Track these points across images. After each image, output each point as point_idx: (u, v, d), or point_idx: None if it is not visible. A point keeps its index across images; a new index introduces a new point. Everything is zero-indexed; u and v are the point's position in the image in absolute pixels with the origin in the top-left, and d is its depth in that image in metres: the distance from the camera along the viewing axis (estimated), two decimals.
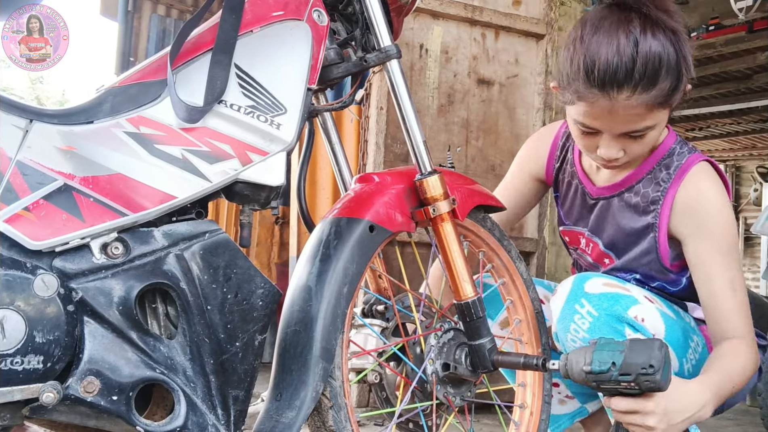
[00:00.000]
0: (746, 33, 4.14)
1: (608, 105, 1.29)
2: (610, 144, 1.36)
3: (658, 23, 1.27)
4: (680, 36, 1.28)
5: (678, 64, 1.28)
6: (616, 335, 1.36)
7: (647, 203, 1.48)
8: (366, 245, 1.21)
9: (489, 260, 1.51)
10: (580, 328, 1.38)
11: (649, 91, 1.27)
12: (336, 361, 1.16)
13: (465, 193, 1.39)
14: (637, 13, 1.28)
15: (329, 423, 1.17)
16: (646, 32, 1.25)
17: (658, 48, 1.25)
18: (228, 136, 1.11)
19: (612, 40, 1.26)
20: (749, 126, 6.29)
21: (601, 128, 1.34)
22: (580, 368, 1.21)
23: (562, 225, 1.69)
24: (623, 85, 1.26)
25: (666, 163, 1.46)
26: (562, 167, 1.66)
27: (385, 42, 1.29)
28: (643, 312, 1.38)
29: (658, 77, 1.26)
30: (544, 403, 1.52)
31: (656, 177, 1.47)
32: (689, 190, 1.42)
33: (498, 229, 1.51)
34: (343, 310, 1.17)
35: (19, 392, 0.95)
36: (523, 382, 1.53)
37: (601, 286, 1.40)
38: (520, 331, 1.54)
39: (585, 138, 1.39)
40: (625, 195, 1.52)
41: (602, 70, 1.26)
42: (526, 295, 1.53)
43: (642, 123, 1.31)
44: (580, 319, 1.38)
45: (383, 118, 2.73)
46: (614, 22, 1.28)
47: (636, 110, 1.29)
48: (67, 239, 1.00)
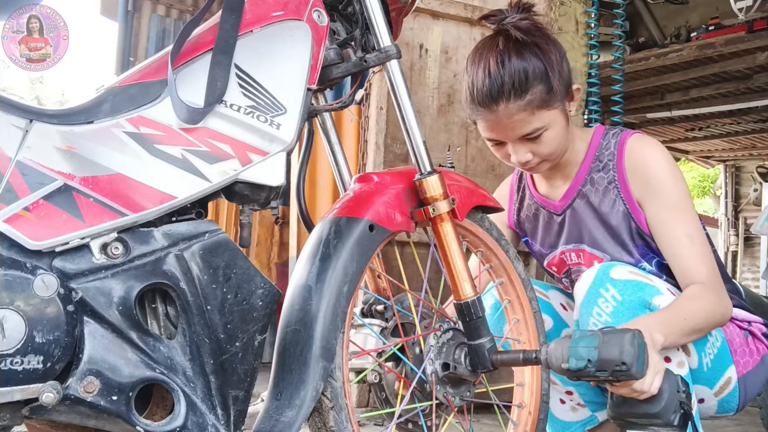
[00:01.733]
0: (746, 33, 4.13)
1: (494, 117, 1.48)
2: (516, 149, 1.52)
3: (520, 42, 1.45)
4: (542, 47, 1.46)
5: (545, 71, 1.46)
6: None
7: (605, 186, 1.57)
8: (366, 244, 1.21)
9: (487, 260, 1.52)
10: (603, 312, 1.42)
11: (522, 97, 1.44)
12: (336, 362, 1.16)
13: (464, 194, 1.39)
14: (503, 36, 1.47)
15: (330, 423, 1.16)
16: (510, 52, 1.45)
17: (522, 63, 1.45)
18: (228, 136, 1.11)
19: (485, 64, 1.46)
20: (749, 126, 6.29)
21: (499, 138, 1.52)
22: (558, 364, 1.23)
23: (544, 258, 1.74)
24: (498, 99, 1.45)
25: (605, 147, 1.58)
26: (522, 205, 1.76)
27: (385, 42, 1.29)
28: (665, 302, 1.41)
29: (527, 86, 1.44)
30: (542, 402, 1.52)
31: (601, 161, 1.58)
32: (633, 157, 1.54)
33: (496, 229, 1.51)
34: (343, 309, 1.17)
35: (19, 392, 0.95)
36: (521, 382, 1.53)
37: (627, 273, 1.44)
38: (518, 330, 1.54)
39: (497, 150, 1.57)
40: (583, 191, 1.60)
41: (479, 90, 1.47)
42: (524, 294, 1.53)
43: (530, 125, 1.47)
44: (604, 303, 1.42)
45: (383, 118, 2.73)
46: (486, 47, 1.49)
47: (518, 116, 1.46)
48: (67, 239, 1.00)
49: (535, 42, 1.46)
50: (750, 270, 8.81)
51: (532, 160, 1.53)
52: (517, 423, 1.51)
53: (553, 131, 1.50)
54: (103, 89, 1.13)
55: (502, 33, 1.48)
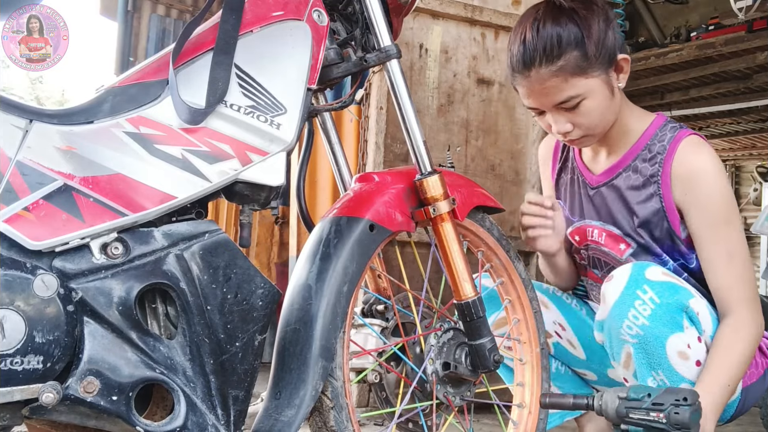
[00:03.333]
0: (746, 33, 4.12)
1: (528, 83, 1.48)
2: (556, 119, 1.50)
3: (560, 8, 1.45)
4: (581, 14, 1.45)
5: (581, 37, 1.44)
6: (675, 326, 1.36)
7: (647, 177, 1.53)
8: (366, 244, 1.21)
9: (488, 260, 1.52)
10: (640, 315, 1.37)
11: (554, 62, 1.43)
12: (337, 361, 1.16)
13: (465, 194, 1.39)
14: (545, 3, 1.48)
15: (331, 423, 1.16)
16: (546, 19, 1.45)
17: (557, 29, 1.44)
18: (228, 136, 1.11)
19: (522, 30, 1.47)
20: (749, 126, 6.27)
21: (536, 105, 1.51)
22: (614, 396, 1.23)
23: (569, 225, 1.69)
24: (530, 65, 1.45)
25: (659, 138, 1.53)
26: (565, 166, 1.71)
27: (385, 42, 1.29)
28: (699, 306, 1.40)
29: (560, 51, 1.43)
30: None
31: (651, 151, 1.53)
32: (683, 160, 1.49)
33: (497, 229, 1.51)
34: (344, 308, 1.17)
35: (19, 392, 0.95)
36: (521, 382, 1.53)
37: (661, 275, 1.41)
38: (519, 330, 1.54)
39: (539, 119, 1.55)
40: (623, 175, 1.57)
41: (515, 57, 1.48)
42: (525, 294, 1.53)
43: (563, 93, 1.45)
44: (641, 305, 1.37)
45: (383, 118, 2.72)
46: (527, 14, 1.50)
47: (550, 82, 1.45)
48: (67, 239, 1.00)
49: (574, 8, 1.45)
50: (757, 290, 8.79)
51: (572, 132, 1.50)
52: (518, 423, 1.51)
53: (592, 101, 1.46)
54: (103, 89, 1.13)
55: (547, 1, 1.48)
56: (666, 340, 1.36)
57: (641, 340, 1.35)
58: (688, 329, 1.38)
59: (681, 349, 1.36)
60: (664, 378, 1.37)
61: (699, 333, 1.40)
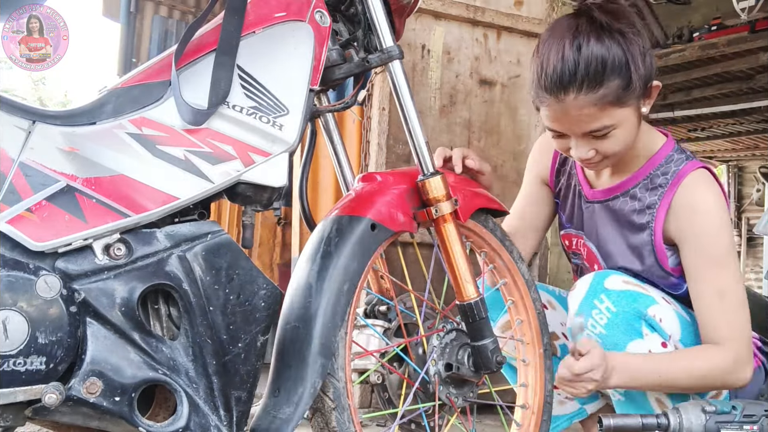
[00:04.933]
0: (748, 33, 4.12)
1: (560, 108, 1.34)
2: (578, 144, 1.40)
3: (604, 27, 1.31)
4: (627, 36, 1.32)
5: (626, 63, 1.31)
6: (633, 333, 1.37)
7: (644, 207, 1.47)
8: (367, 244, 1.21)
9: (491, 261, 1.51)
10: (597, 324, 1.39)
11: (596, 90, 1.31)
12: (339, 362, 1.16)
13: (468, 195, 1.39)
14: (585, 18, 1.33)
15: (333, 424, 1.16)
16: (590, 37, 1.31)
17: (601, 50, 1.30)
18: (230, 137, 1.11)
19: (559, 47, 1.32)
20: (752, 126, 6.27)
21: (562, 130, 1.39)
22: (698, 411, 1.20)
23: (563, 228, 1.69)
24: (569, 88, 1.31)
25: (664, 169, 1.46)
26: (563, 168, 1.67)
27: (387, 43, 1.29)
28: (661, 312, 1.39)
29: (603, 77, 1.30)
30: (546, 404, 1.51)
31: (653, 182, 1.47)
32: (686, 194, 1.42)
33: (500, 230, 1.50)
34: (343, 307, 1.17)
35: (22, 393, 0.95)
36: (524, 383, 1.53)
37: (621, 284, 1.40)
38: (522, 331, 1.53)
39: (557, 141, 1.44)
40: (620, 199, 1.52)
41: (549, 75, 1.32)
42: (528, 295, 1.53)
43: (598, 122, 1.34)
44: (598, 314, 1.38)
45: (385, 119, 2.72)
46: (563, 29, 1.34)
47: (586, 110, 1.33)
48: (70, 240, 1.00)
49: (620, 29, 1.31)
50: (753, 270, 8.78)
51: (593, 158, 1.40)
52: (521, 424, 1.50)
53: (623, 131, 1.37)
54: (106, 90, 1.13)
55: (584, 13, 1.34)
56: (625, 347, 1.37)
57: None
58: (648, 336, 1.37)
59: None
60: None
61: (663, 338, 1.39)
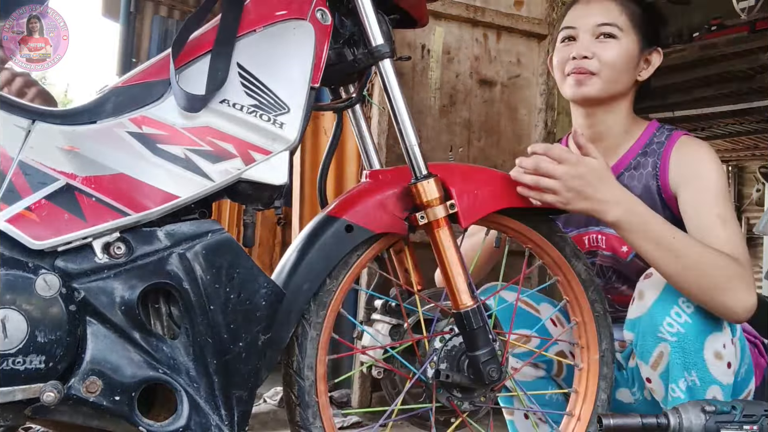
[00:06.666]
0: (748, 33, 4.11)
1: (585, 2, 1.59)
2: (581, 44, 1.56)
3: None
4: None
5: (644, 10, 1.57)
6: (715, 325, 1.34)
7: (648, 170, 1.56)
8: (340, 245, 1.21)
9: (538, 257, 1.44)
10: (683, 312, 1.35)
11: None
12: (307, 362, 1.20)
13: (481, 196, 1.29)
14: None
15: (296, 419, 1.22)
16: None
17: None
18: (231, 136, 1.11)
19: None
20: (752, 126, 6.26)
21: (575, 24, 1.58)
22: (698, 411, 1.19)
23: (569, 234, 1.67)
24: None
25: (656, 138, 1.58)
26: None
27: (376, 41, 1.25)
28: None
29: None
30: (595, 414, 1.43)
31: (647, 150, 1.57)
32: (681, 148, 1.54)
33: (545, 226, 1.40)
34: (300, 306, 1.18)
35: (21, 392, 0.95)
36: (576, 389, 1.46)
37: None
38: (578, 334, 1.45)
39: (561, 50, 1.60)
40: (626, 174, 1.58)
41: None
42: (584, 296, 1.43)
43: (611, 16, 1.55)
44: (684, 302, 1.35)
45: (385, 119, 2.72)
46: None
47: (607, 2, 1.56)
48: (69, 239, 1.00)
49: None
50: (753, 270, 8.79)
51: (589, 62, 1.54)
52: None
53: (619, 47, 1.54)
54: (106, 89, 1.13)
55: None
56: (705, 339, 1.34)
57: (681, 338, 1.33)
58: (725, 329, 1.36)
59: (717, 349, 1.34)
60: (696, 379, 1.34)
61: (732, 335, 1.38)
